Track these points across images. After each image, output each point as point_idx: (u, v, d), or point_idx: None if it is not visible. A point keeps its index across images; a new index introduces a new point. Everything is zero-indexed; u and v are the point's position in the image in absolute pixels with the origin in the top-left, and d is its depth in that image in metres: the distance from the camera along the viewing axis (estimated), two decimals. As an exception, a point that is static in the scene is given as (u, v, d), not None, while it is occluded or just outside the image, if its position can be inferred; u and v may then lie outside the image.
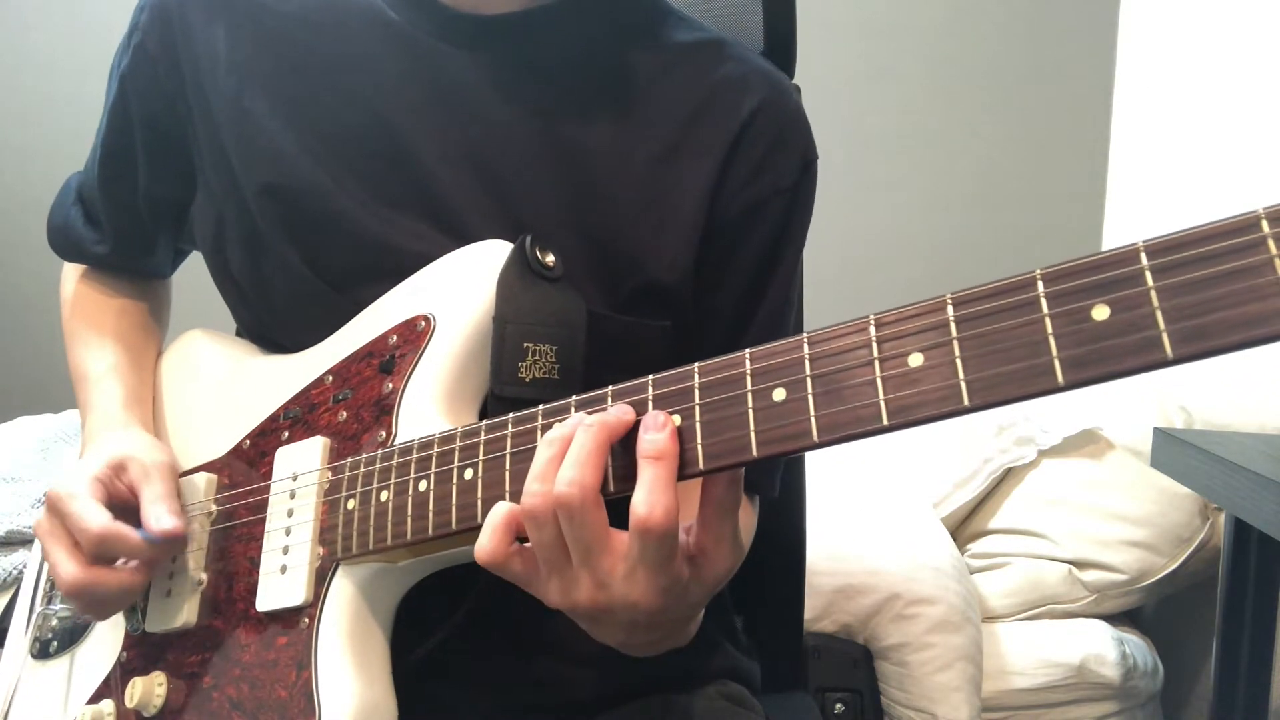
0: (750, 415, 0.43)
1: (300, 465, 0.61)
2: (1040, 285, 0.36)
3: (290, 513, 0.60)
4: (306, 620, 0.57)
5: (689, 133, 0.68)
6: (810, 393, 0.41)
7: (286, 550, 0.59)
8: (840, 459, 1.50)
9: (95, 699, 0.66)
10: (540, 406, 0.50)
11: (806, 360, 0.42)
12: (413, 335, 0.60)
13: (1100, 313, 0.35)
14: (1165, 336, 0.34)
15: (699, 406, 0.44)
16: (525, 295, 0.59)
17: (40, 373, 2.08)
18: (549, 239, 0.61)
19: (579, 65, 0.68)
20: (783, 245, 0.71)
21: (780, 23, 0.87)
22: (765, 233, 0.70)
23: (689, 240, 0.67)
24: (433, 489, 0.53)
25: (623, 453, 0.46)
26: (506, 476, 0.50)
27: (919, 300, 0.39)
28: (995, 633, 1.38)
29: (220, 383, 0.73)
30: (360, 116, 0.67)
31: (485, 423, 0.52)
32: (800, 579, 0.97)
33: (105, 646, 0.68)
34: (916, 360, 0.39)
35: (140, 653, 0.65)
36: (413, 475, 0.54)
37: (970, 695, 1.25)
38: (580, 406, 0.48)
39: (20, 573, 1.27)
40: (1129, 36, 2.01)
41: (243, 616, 0.60)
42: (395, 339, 0.61)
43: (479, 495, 0.51)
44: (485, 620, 0.61)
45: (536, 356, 0.58)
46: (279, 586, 0.59)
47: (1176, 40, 1.84)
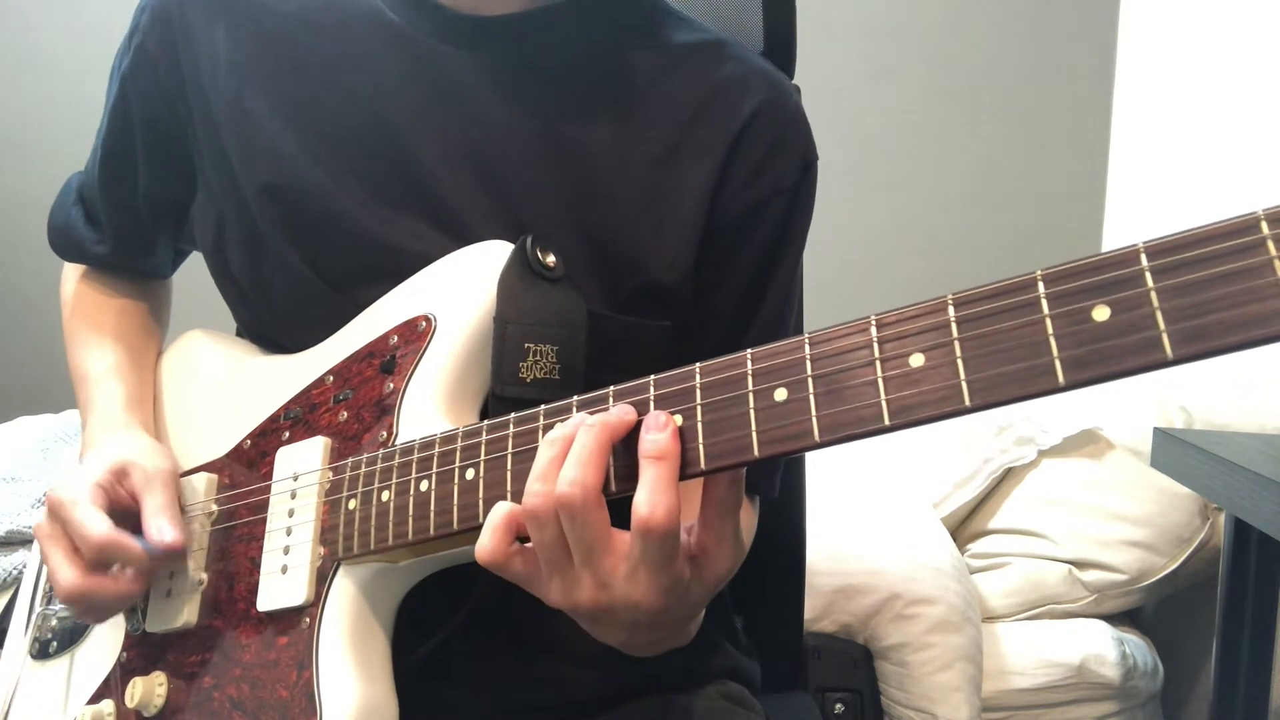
0: (752, 415, 0.43)
1: (301, 465, 0.61)
2: (1041, 286, 0.37)
3: (291, 513, 0.60)
4: (307, 620, 0.57)
5: (689, 133, 0.68)
6: (812, 393, 0.41)
7: (287, 550, 0.59)
8: (840, 459, 1.50)
9: (95, 699, 0.66)
10: (542, 407, 0.50)
11: (808, 360, 0.42)
12: (414, 335, 0.60)
13: (1101, 313, 0.35)
14: (1165, 337, 0.34)
15: (700, 407, 0.45)
16: (526, 295, 0.59)
17: (40, 373, 2.08)
18: (549, 239, 0.61)
19: (579, 66, 0.68)
20: (783, 246, 0.71)
21: (780, 23, 0.87)
22: (765, 233, 0.70)
23: (689, 240, 0.67)
24: (434, 489, 0.53)
25: (624, 453, 0.46)
26: (508, 476, 0.50)
27: (920, 301, 0.40)
28: (995, 633, 1.38)
29: (220, 383, 0.73)
30: (360, 117, 0.67)
31: (486, 423, 0.52)
32: (800, 579, 0.97)
33: (105, 647, 0.68)
34: (918, 360, 0.39)
35: (140, 653, 0.65)
36: (414, 475, 0.54)
37: (970, 695, 1.25)
38: (582, 406, 0.48)
39: (20, 573, 1.27)
40: (1129, 36, 2.01)
41: (243, 616, 0.60)
42: (396, 339, 0.61)
43: (480, 495, 0.51)
44: (486, 620, 0.61)
45: (537, 357, 0.58)
46: (280, 586, 0.59)
47: (1176, 40, 1.84)
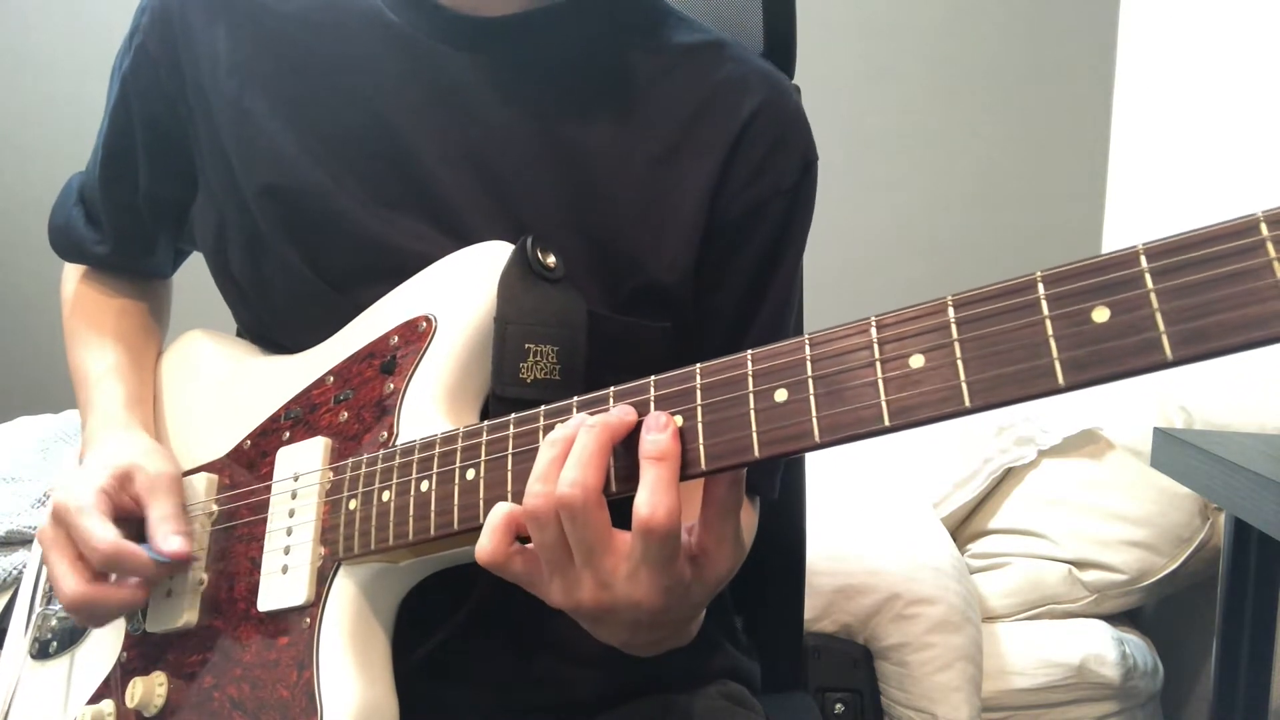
0: (752, 416, 0.43)
1: (302, 465, 0.61)
2: (1041, 287, 0.37)
3: (291, 513, 0.60)
4: (308, 620, 0.57)
5: (689, 133, 0.68)
6: (812, 394, 0.41)
7: (288, 550, 0.59)
8: (840, 459, 1.50)
9: (95, 699, 0.66)
10: (542, 407, 0.50)
11: (808, 361, 0.42)
12: (414, 336, 0.60)
13: (1100, 315, 0.35)
14: (1165, 338, 0.34)
15: (701, 407, 0.45)
16: (526, 296, 0.59)
17: (40, 373, 2.08)
18: (550, 240, 0.62)
19: (579, 66, 0.68)
20: (783, 246, 0.71)
21: (780, 23, 0.88)
22: (766, 233, 0.70)
23: (689, 241, 0.67)
24: (434, 489, 0.53)
25: (625, 453, 0.46)
26: (508, 477, 0.50)
27: (920, 302, 0.40)
28: (995, 633, 1.38)
29: (221, 383, 0.73)
30: (360, 117, 0.67)
31: (487, 423, 0.52)
32: (800, 579, 0.97)
33: (105, 647, 0.68)
34: (918, 361, 0.39)
35: (141, 653, 0.65)
36: (414, 475, 0.54)
37: (970, 695, 1.25)
38: (582, 407, 0.48)
39: (20, 573, 1.27)
40: (1129, 36, 2.01)
41: (244, 616, 0.60)
42: (396, 339, 0.61)
43: (481, 496, 0.51)
44: (486, 620, 0.61)
45: (538, 357, 0.58)
46: (280, 586, 0.59)
47: (1176, 40, 1.84)
